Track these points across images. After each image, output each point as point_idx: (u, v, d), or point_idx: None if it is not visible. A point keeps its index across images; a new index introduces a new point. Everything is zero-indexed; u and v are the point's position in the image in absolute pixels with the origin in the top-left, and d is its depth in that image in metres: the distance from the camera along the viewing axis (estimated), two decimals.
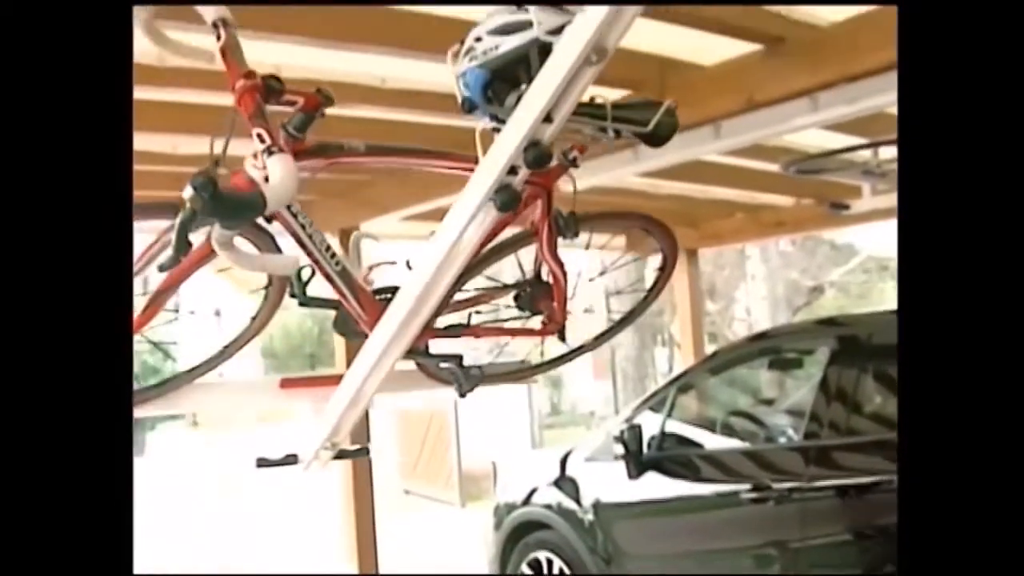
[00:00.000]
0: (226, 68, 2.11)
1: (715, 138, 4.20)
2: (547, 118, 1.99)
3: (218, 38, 2.11)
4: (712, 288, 19.31)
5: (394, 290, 2.27)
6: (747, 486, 4.63)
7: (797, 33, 3.63)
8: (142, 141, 3.52)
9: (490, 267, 2.53)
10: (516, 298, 2.60)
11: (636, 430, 5.09)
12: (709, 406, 5.71)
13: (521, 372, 3.04)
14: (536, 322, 2.64)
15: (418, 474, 14.99)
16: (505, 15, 2.03)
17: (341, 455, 2.58)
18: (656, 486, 5.06)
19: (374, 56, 3.45)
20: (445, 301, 2.33)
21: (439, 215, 2.47)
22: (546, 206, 2.33)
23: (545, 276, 2.54)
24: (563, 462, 5.85)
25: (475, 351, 2.61)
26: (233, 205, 1.82)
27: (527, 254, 2.55)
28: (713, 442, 5.23)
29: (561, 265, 2.45)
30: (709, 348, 8.20)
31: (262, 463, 2.55)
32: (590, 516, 5.46)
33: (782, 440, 5.02)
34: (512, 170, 2.06)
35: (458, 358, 2.43)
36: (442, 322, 2.46)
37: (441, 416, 14.53)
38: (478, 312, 2.64)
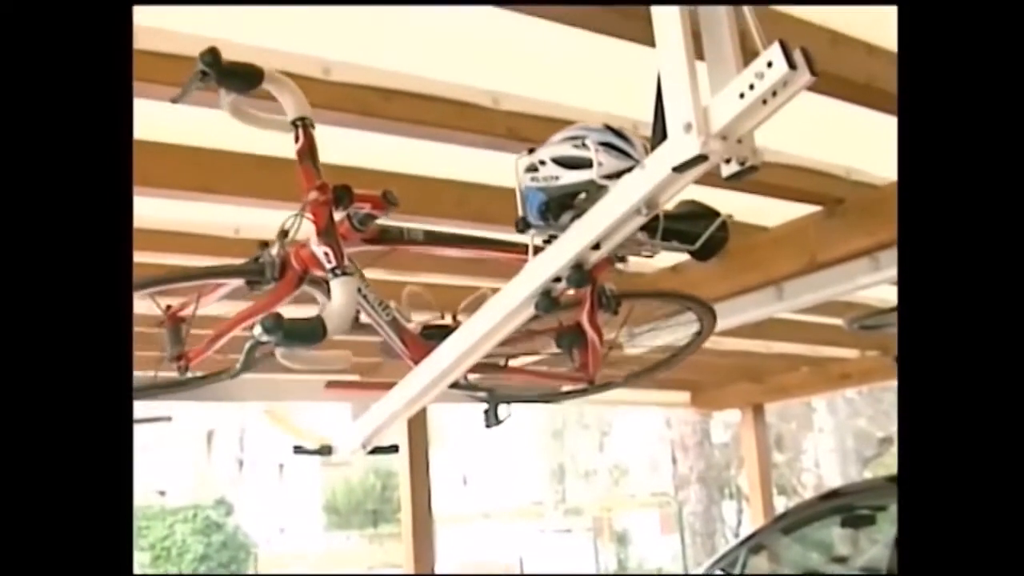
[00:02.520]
0: (301, 172, 2.20)
1: (778, 299, 4.23)
2: (595, 245, 2.06)
3: (296, 139, 2.19)
4: (779, 439, 19.01)
5: (440, 329, 2.44)
6: None
7: (856, 194, 3.68)
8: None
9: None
10: (558, 336, 2.62)
11: None
12: (782, 566, 5.59)
13: (551, 397, 3.07)
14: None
15: None
16: (569, 147, 2.09)
17: (374, 451, 2.72)
18: None
19: (442, 226, 3.56)
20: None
21: None
22: (591, 287, 2.40)
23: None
24: None
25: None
26: (297, 336, 1.96)
27: None
28: None
29: (599, 332, 2.50)
30: (778, 500, 8.06)
31: (298, 450, 2.72)
32: None
33: None
34: (556, 278, 2.14)
35: (490, 392, 2.57)
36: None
37: (508, 572, 14.31)
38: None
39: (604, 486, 25.71)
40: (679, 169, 1.77)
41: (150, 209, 3.27)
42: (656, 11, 1.83)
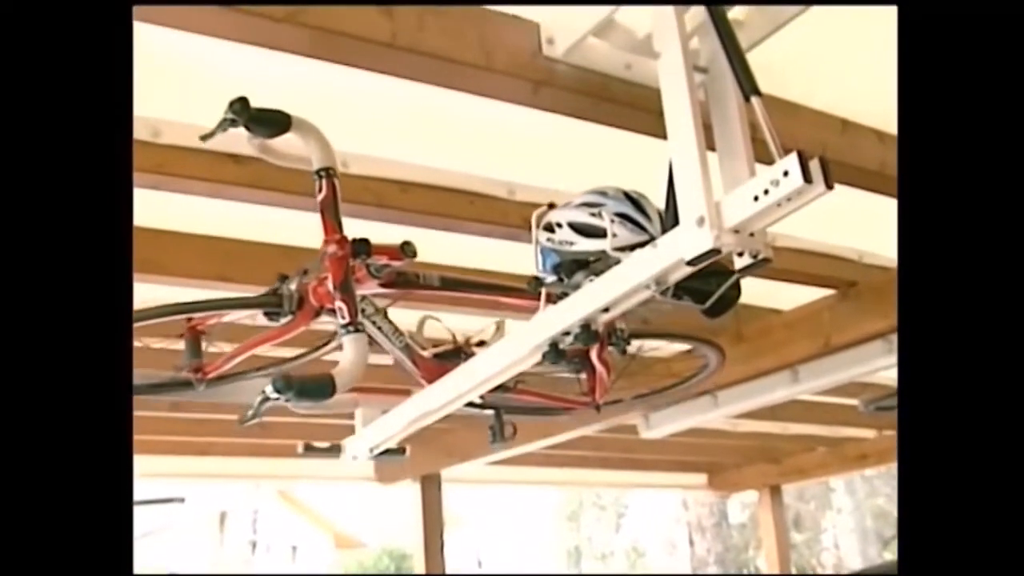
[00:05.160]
0: (322, 223, 2.23)
1: (794, 382, 4.23)
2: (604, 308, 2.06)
3: (320, 189, 2.23)
4: (797, 518, 18.79)
5: (452, 352, 2.54)
6: None
7: (868, 277, 3.70)
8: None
9: None
10: (568, 359, 2.62)
11: None
12: None
13: (557, 415, 3.04)
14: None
15: None
16: (586, 214, 2.11)
17: (383, 454, 2.74)
18: None
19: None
20: None
21: (520, 460, 2.57)
22: None
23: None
24: None
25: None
26: (308, 394, 2.04)
27: None
28: None
29: (607, 366, 2.52)
30: None
31: (308, 448, 2.76)
32: None
33: None
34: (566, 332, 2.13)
35: (497, 410, 2.59)
36: None
37: None
38: None
39: (621, 568, 25.35)
40: (692, 263, 1.79)
41: (168, 297, 3.30)
42: (668, 104, 1.87)
